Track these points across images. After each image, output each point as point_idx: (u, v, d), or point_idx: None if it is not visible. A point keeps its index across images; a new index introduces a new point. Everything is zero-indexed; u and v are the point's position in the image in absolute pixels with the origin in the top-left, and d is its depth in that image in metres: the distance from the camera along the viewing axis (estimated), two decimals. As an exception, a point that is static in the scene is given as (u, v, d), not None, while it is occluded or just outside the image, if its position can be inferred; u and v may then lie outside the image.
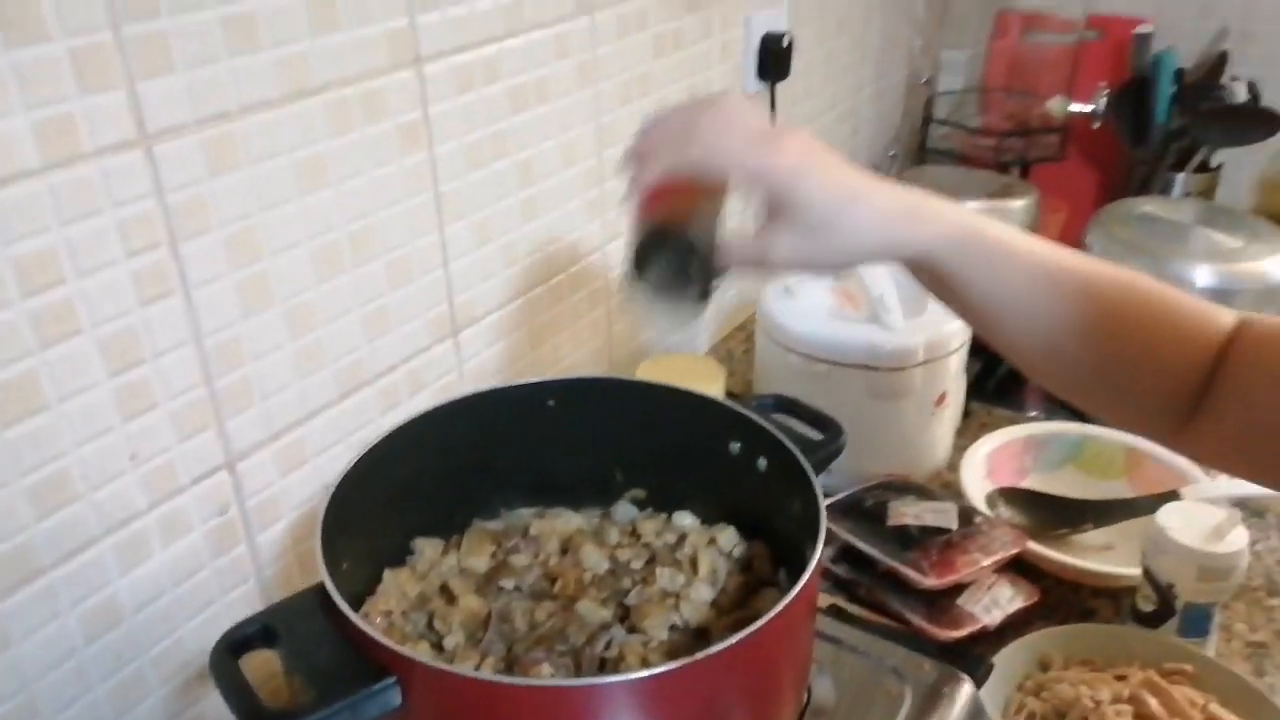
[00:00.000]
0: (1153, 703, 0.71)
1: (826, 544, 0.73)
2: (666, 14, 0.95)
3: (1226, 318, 0.57)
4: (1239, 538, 0.78)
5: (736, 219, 0.59)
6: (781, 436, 0.61)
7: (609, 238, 0.96)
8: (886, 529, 0.87)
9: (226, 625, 0.55)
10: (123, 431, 0.57)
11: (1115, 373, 0.58)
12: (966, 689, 0.62)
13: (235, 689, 0.45)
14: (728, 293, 1.21)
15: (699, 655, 0.46)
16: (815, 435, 0.64)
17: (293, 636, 0.48)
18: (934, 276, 0.59)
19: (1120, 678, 0.75)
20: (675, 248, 0.54)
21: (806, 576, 0.51)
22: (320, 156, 0.65)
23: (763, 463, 0.63)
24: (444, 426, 0.64)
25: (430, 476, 0.65)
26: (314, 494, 0.71)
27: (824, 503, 0.56)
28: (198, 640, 0.66)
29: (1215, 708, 0.72)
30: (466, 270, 0.80)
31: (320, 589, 0.49)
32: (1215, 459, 0.62)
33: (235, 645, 0.47)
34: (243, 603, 0.68)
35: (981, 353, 1.19)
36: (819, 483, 0.57)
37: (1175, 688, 0.73)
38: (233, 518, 0.66)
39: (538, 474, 0.70)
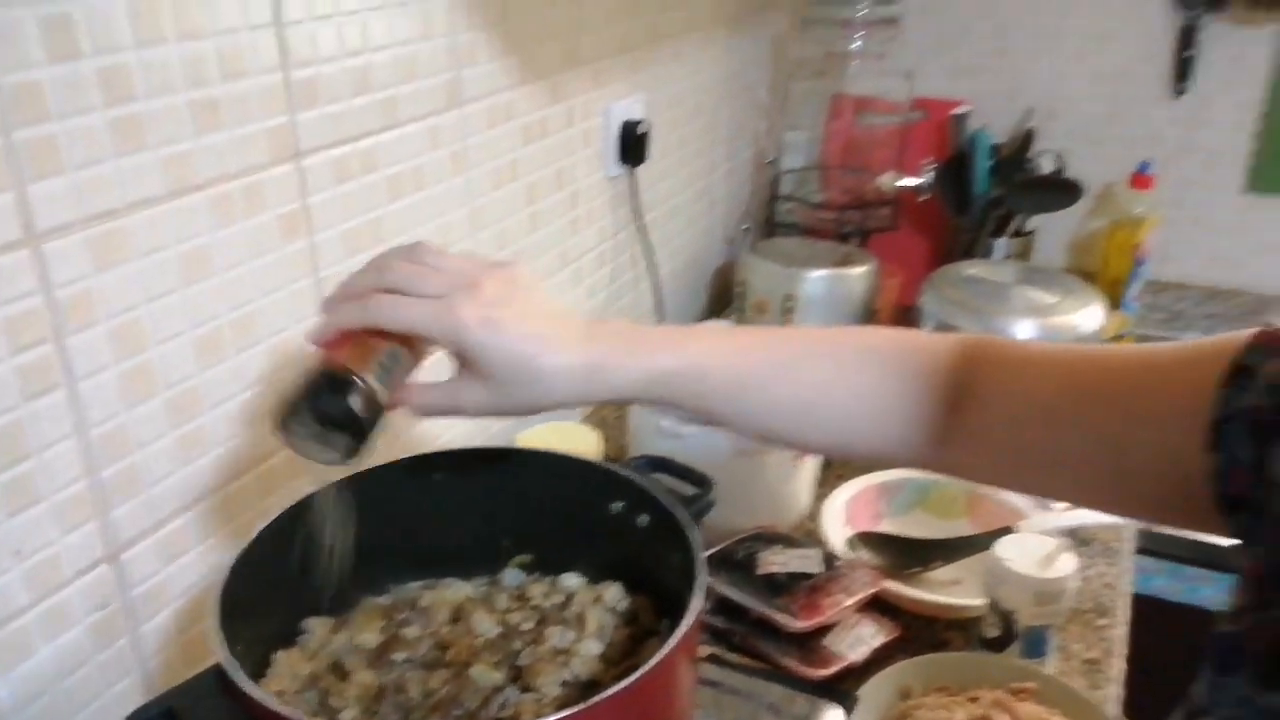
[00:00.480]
0: (1003, 718, 0.79)
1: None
2: (532, 105, 1.01)
3: (946, 342, 0.64)
4: (1067, 563, 0.87)
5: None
6: (659, 493, 0.65)
7: (484, 315, 1.00)
8: (757, 578, 0.93)
9: None
10: (6, 528, 0.57)
11: (866, 428, 0.64)
12: (837, 718, 0.67)
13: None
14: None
15: (587, 703, 0.49)
16: (689, 490, 0.70)
17: (196, 718, 0.49)
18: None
19: (973, 699, 0.82)
20: (330, 398, 0.51)
21: (685, 623, 0.55)
22: (204, 248, 0.67)
23: (643, 519, 0.68)
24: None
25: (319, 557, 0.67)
26: (196, 582, 0.72)
27: (702, 553, 0.61)
28: (82, 737, 0.65)
29: (1058, 719, 0.80)
30: (347, 352, 0.82)
31: (218, 670, 0.50)
32: (981, 477, 0.69)
33: (140, 728, 0.48)
34: (126, 696, 0.68)
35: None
36: (696, 534, 0.62)
37: (1022, 705, 0.80)
38: (115, 610, 0.65)
39: (425, 546, 0.72)
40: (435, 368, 0.60)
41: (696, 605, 0.57)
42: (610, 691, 0.50)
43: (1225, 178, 1.60)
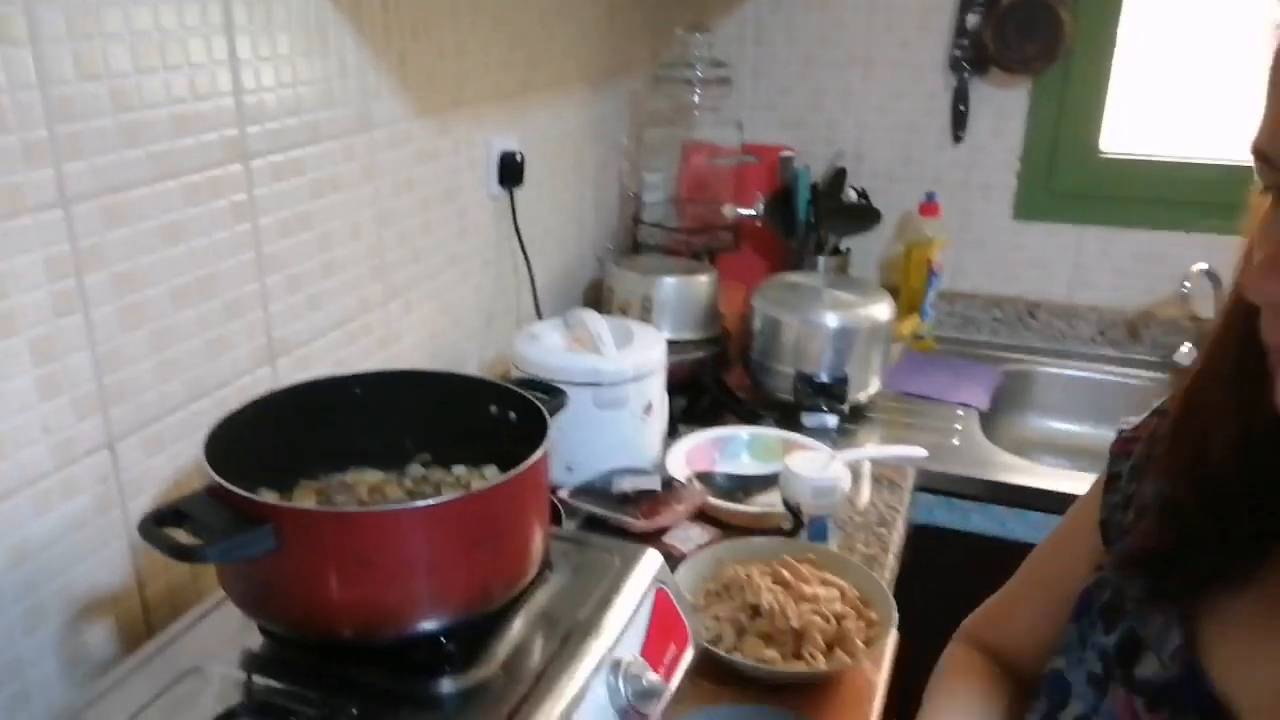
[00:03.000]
0: (785, 572, 1.05)
1: (571, 516, 1.03)
2: (425, 134, 1.28)
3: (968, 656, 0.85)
4: (837, 469, 1.16)
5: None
6: (526, 394, 0.91)
7: (389, 295, 1.24)
8: (612, 495, 1.19)
9: (105, 575, 0.78)
10: (40, 410, 0.79)
11: None
12: (656, 555, 0.93)
13: (163, 541, 0.68)
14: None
15: (471, 491, 0.74)
16: (547, 397, 0.95)
17: (198, 514, 0.70)
18: None
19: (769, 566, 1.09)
20: None
21: (537, 454, 0.80)
22: (178, 222, 0.91)
23: (513, 416, 0.92)
24: (282, 405, 0.89)
25: (269, 443, 0.89)
26: (164, 478, 0.93)
27: (550, 424, 0.86)
28: (84, 582, 0.85)
29: (828, 575, 1.08)
30: (281, 313, 1.06)
31: (210, 487, 0.73)
32: None
33: (158, 519, 0.70)
34: (115, 557, 0.88)
35: (688, 389, 1.56)
36: (548, 417, 0.87)
37: (801, 565, 1.08)
38: (111, 486, 0.86)
39: (346, 444, 0.95)
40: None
41: (544, 447, 0.81)
42: (486, 485, 0.75)
43: (997, 208, 1.97)
